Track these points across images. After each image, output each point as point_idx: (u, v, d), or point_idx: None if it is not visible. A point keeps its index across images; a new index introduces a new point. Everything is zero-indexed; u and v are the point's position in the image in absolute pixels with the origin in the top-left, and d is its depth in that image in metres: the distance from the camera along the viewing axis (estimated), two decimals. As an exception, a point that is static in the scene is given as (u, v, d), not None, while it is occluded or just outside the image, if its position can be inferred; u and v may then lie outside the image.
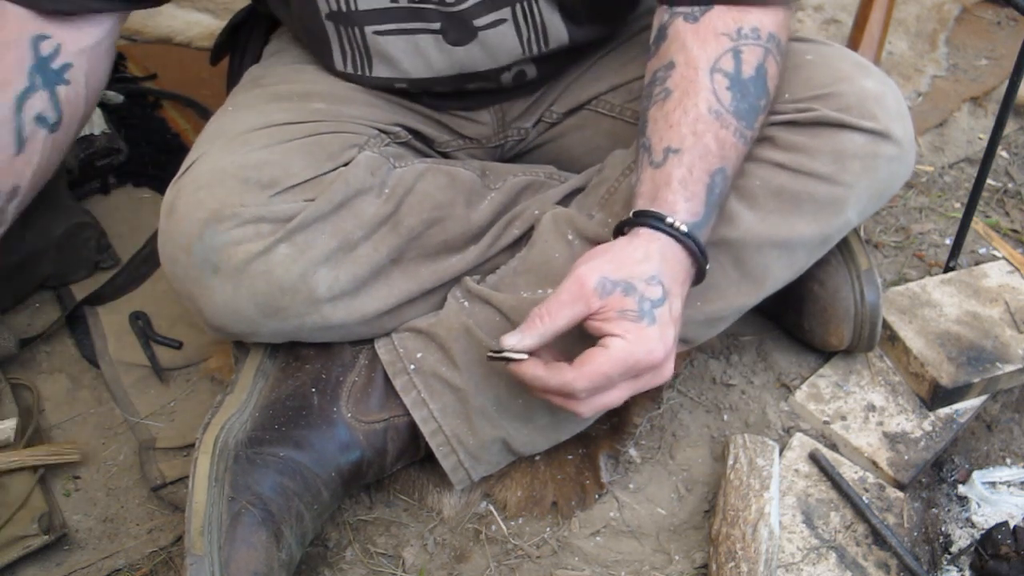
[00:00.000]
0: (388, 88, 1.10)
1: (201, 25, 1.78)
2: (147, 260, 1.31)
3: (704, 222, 0.89)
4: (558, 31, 1.05)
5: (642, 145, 0.93)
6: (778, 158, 0.98)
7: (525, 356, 0.86)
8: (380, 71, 1.07)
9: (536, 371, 0.86)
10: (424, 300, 1.04)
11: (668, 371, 0.87)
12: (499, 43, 1.04)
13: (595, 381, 0.84)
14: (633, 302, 0.83)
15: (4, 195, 0.99)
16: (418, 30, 1.02)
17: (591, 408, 0.87)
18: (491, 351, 0.88)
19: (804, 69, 1.01)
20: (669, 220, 0.87)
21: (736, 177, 0.94)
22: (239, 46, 1.27)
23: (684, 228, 0.87)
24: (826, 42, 1.06)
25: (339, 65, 1.08)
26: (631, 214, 0.90)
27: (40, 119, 0.98)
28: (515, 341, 0.85)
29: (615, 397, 0.86)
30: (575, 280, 0.85)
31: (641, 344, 0.83)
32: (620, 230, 0.91)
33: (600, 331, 0.84)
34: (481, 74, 1.07)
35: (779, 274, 1.03)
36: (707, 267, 0.90)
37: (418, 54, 1.04)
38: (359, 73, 1.08)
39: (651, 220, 0.88)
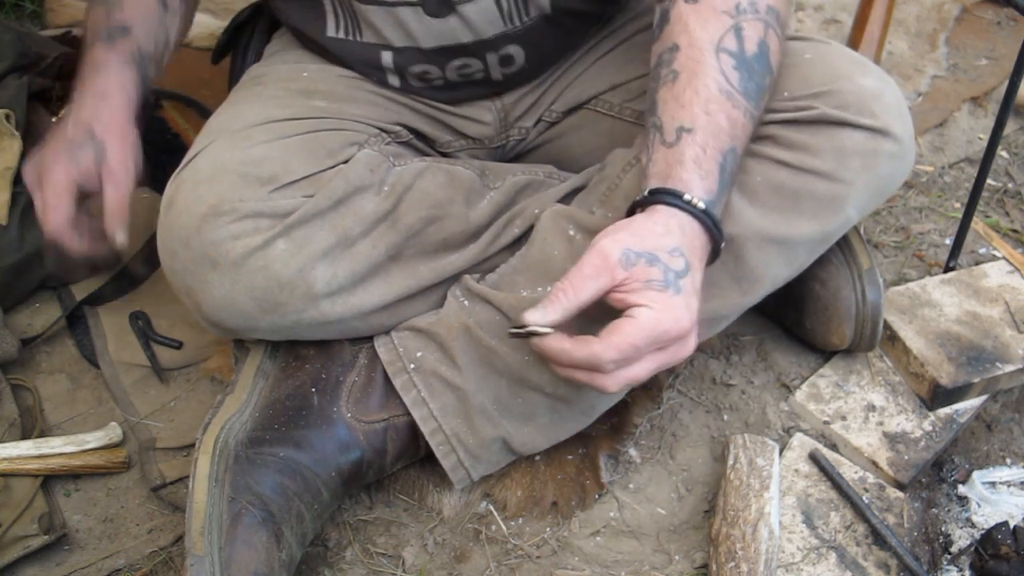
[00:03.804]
0: (382, 80, 1.10)
1: (201, 25, 1.78)
2: (147, 260, 1.31)
3: (718, 199, 0.89)
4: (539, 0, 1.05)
5: (652, 125, 0.92)
6: (779, 155, 0.98)
7: (550, 331, 0.84)
8: (368, 37, 1.07)
9: (562, 344, 0.84)
10: (423, 297, 1.04)
11: (692, 343, 0.86)
12: (479, 15, 1.04)
13: (623, 351, 0.82)
14: (658, 272, 0.83)
15: (161, 45, 1.17)
16: (398, 3, 1.02)
17: (618, 382, 0.85)
18: (513, 327, 0.87)
19: (803, 67, 1.01)
20: (687, 197, 0.87)
21: (743, 158, 0.94)
22: (241, 46, 1.27)
23: (701, 205, 0.87)
24: (824, 40, 1.06)
25: (331, 30, 1.08)
26: (646, 192, 0.89)
27: None
28: (538, 316, 0.84)
29: (642, 370, 0.85)
30: (597, 253, 0.84)
31: (668, 312, 0.82)
32: (633, 210, 0.90)
33: (625, 303, 0.83)
34: (465, 48, 1.06)
35: (778, 271, 1.02)
36: (722, 245, 0.90)
37: (399, 25, 1.04)
38: (351, 38, 1.08)
39: (668, 197, 0.87)
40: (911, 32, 1.85)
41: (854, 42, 1.55)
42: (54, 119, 1.45)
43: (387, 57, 1.08)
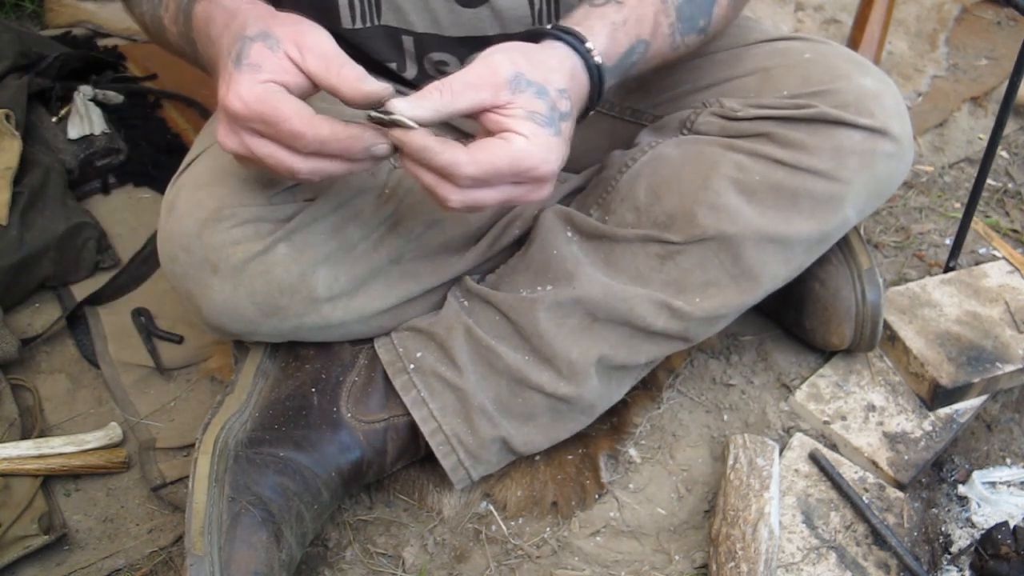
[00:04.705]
0: (400, 68, 1.09)
1: (201, 25, 1.78)
2: (147, 260, 1.31)
3: (612, 71, 0.89)
4: None
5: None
6: (776, 154, 0.98)
7: (414, 125, 0.78)
8: (388, 19, 1.04)
9: (427, 141, 0.77)
10: (424, 299, 1.04)
11: (547, 191, 0.84)
12: (511, 10, 1.03)
13: (485, 170, 0.78)
14: (544, 107, 0.80)
15: None
16: None
17: (462, 200, 0.80)
18: (377, 111, 0.79)
19: (802, 67, 1.02)
20: (588, 45, 0.87)
21: (649, 65, 0.94)
22: None
23: (598, 59, 0.87)
24: (824, 40, 1.07)
25: (346, 21, 1.04)
26: (550, 26, 0.88)
27: None
28: (406, 106, 0.78)
29: (490, 197, 0.81)
30: (488, 66, 0.80)
31: (541, 149, 0.80)
32: (534, 37, 0.88)
33: (501, 126, 0.80)
34: (489, 40, 1.05)
35: (777, 271, 1.02)
36: (590, 113, 0.90)
37: (426, 9, 1.03)
38: (367, 24, 1.04)
39: (571, 38, 0.86)
40: (911, 32, 1.86)
41: (854, 42, 1.55)
42: (55, 119, 1.45)
43: (408, 42, 1.07)
